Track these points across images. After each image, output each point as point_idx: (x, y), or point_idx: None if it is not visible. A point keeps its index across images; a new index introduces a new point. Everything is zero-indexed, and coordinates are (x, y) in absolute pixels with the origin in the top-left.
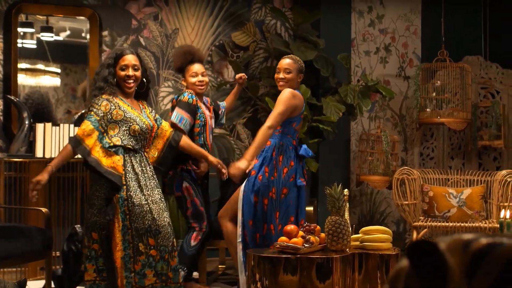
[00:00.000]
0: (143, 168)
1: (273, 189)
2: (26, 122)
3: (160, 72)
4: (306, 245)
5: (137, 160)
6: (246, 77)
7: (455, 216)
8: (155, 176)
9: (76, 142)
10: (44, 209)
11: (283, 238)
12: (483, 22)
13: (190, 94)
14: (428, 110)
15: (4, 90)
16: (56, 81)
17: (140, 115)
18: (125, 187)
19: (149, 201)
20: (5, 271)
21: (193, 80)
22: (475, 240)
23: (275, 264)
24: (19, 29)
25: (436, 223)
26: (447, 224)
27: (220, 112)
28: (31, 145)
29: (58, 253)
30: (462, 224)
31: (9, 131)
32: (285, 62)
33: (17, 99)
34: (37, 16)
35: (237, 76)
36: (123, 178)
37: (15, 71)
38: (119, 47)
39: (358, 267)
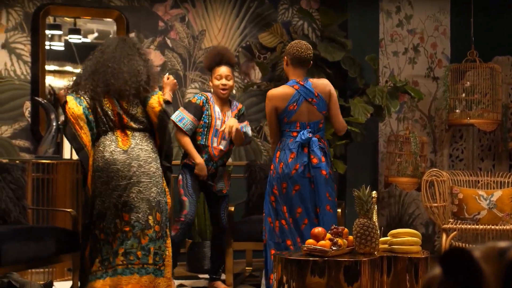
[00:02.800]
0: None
1: (274, 185)
2: (54, 124)
3: (187, 74)
4: (333, 248)
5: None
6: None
7: (485, 218)
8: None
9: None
10: (71, 211)
11: (310, 240)
12: None
13: (200, 95)
14: (457, 111)
15: (32, 92)
16: None
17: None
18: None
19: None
20: (33, 272)
21: (216, 83)
22: (511, 248)
23: (303, 267)
24: (47, 31)
25: (465, 226)
26: (477, 226)
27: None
28: (59, 147)
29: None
30: (492, 227)
31: (37, 132)
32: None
33: (45, 100)
34: (65, 18)
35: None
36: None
37: (43, 73)
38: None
39: (386, 270)
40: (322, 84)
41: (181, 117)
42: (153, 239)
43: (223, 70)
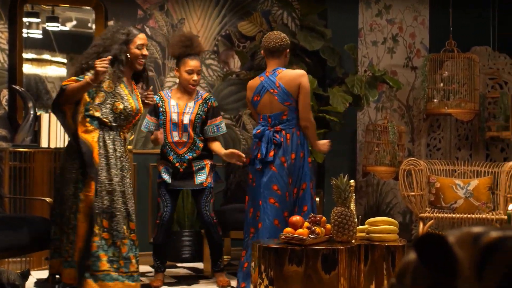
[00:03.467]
0: (116, 148)
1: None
2: (31, 112)
3: (166, 62)
4: (311, 236)
5: (111, 138)
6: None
7: (462, 207)
8: (126, 158)
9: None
10: (48, 199)
11: (288, 229)
12: (492, 12)
13: (156, 96)
14: (435, 100)
15: (9, 80)
16: (62, 71)
17: (129, 95)
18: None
19: (114, 182)
20: (9, 261)
21: (187, 77)
22: (485, 233)
23: (281, 255)
24: (25, 19)
25: (442, 214)
26: (453, 215)
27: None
28: (36, 135)
29: None
30: (469, 216)
31: (14, 121)
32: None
33: (22, 89)
34: (43, 6)
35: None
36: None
37: (20, 61)
38: (128, 26)
39: (364, 259)
40: (291, 75)
41: (145, 123)
42: (131, 247)
43: (194, 63)
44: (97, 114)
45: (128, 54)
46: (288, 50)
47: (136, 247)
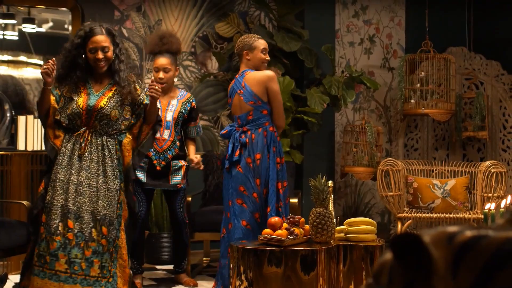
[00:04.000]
0: (82, 148)
1: None
2: (8, 115)
3: (143, 64)
4: (290, 237)
5: (75, 139)
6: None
7: (440, 207)
8: (108, 162)
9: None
10: (26, 203)
11: (267, 230)
12: (467, 13)
13: None
14: (412, 101)
15: None
16: (38, 73)
17: (84, 96)
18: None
19: (73, 180)
20: None
21: (154, 74)
22: (460, 232)
23: (260, 257)
24: (0, 21)
25: (420, 214)
26: (431, 215)
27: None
28: (13, 138)
29: None
30: (446, 215)
31: None
32: (265, 42)
33: None
34: (19, 7)
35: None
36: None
37: None
38: (88, 23)
39: (342, 259)
40: (256, 76)
41: None
42: (98, 252)
43: (161, 61)
44: (57, 117)
45: (85, 57)
46: (246, 51)
47: (104, 253)
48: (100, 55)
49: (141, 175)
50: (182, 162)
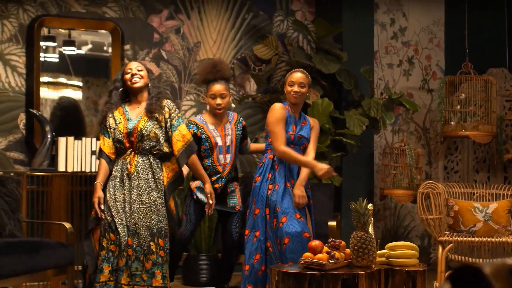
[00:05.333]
0: (124, 167)
1: None
2: (49, 136)
3: (182, 86)
4: (331, 261)
5: (122, 161)
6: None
7: (481, 230)
8: (156, 179)
9: (100, 153)
10: (66, 224)
11: (307, 254)
12: (508, 33)
13: (189, 125)
14: (452, 123)
15: (26, 104)
16: (78, 95)
17: (123, 122)
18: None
19: (127, 200)
20: (27, 285)
21: (211, 102)
22: None
23: (300, 280)
24: (42, 43)
25: (461, 238)
26: (473, 239)
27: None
28: (54, 159)
29: (80, 268)
30: (488, 239)
31: (32, 145)
32: (299, 75)
33: (40, 112)
34: (60, 30)
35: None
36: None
37: (38, 85)
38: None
39: (384, 283)
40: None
41: None
42: (158, 263)
43: (217, 88)
44: (106, 150)
45: (121, 86)
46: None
47: (164, 264)
48: (134, 77)
49: (202, 196)
50: (236, 185)
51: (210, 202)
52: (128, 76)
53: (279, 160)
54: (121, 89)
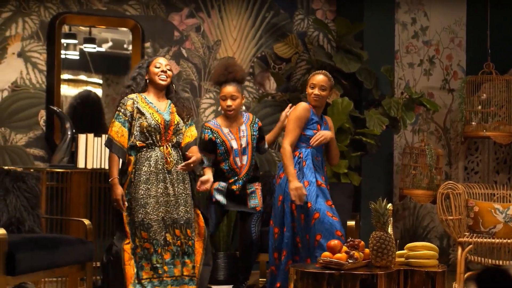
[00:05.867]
0: (153, 163)
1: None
2: (69, 133)
3: (202, 84)
4: (350, 261)
5: (156, 155)
6: None
7: (502, 232)
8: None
9: (110, 143)
10: (86, 220)
11: (326, 253)
12: None
13: (204, 129)
14: (473, 123)
15: (47, 101)
16: (98, 92)
17: (155, 112)
18: (129, 182)
19: (151, 194)
20: (46, 281)
21: (222, 103)
22: None
23: (319, 280)
24: (62, 40)
25: (481, 239)
26: (493, 240)
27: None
28: (73, 156)
29: (98, 264)
30: (509, 241)
31: (52, 141)
32: (321, 78)
33: (60, 109)
34: (80, 27)
35: None
36: (131, 175)
37: (58, 82)
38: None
39: (403, 284)
40: None
41: (204, 159)
42: (188, 253)
43: (228, 90)
44: (132, 140)
45: (147, 76)
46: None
47: (192, 253)
48: (165, 70)
49: (220, 198)
50: (257, 185)
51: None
52: (157, 71)
53: (306, 157)
54: (146, 78)
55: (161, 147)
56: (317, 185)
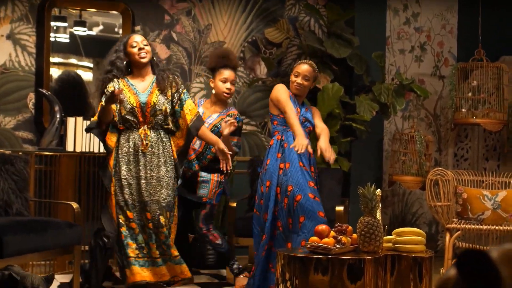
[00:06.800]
0: (133, 145)
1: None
2: (58, 116)
3: (192, 68)
4: (337, 246)
5: (134, 136)
6: None
7: (490, 218)
8: (166, 153)
9: (92, 124)
10: (74, 204)
11: (314, 238)
12: None
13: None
14: (463, 110)
15: (36, 84)
16: (88, 76)
17: (133, 95)
18: (114, 161)
19: (133, 175)
20: (34, 264)
21: (221, 85)
22: None
23: (306, 264)
24: (52, 23)
25: (469, 226)
26: (481, 227)
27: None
28: (62, 139)
29: (86, 248)
30: (496, 227)
31: (41, 124)
32: (305, 68)
33: (49, 92)
34: (70, 10)
35: None
36: (115, 153)
37: (48, 64)
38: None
39: (390, 269)
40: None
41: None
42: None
43: (229, 73)
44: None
45: (126, 58)
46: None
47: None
48: (142, 48)
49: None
50: (214, 177)
51: (223, 159)
52: (135, 50)
53: (287, 139)
54: (126, 60)
55: (140, 129)
56: (299, 166)
